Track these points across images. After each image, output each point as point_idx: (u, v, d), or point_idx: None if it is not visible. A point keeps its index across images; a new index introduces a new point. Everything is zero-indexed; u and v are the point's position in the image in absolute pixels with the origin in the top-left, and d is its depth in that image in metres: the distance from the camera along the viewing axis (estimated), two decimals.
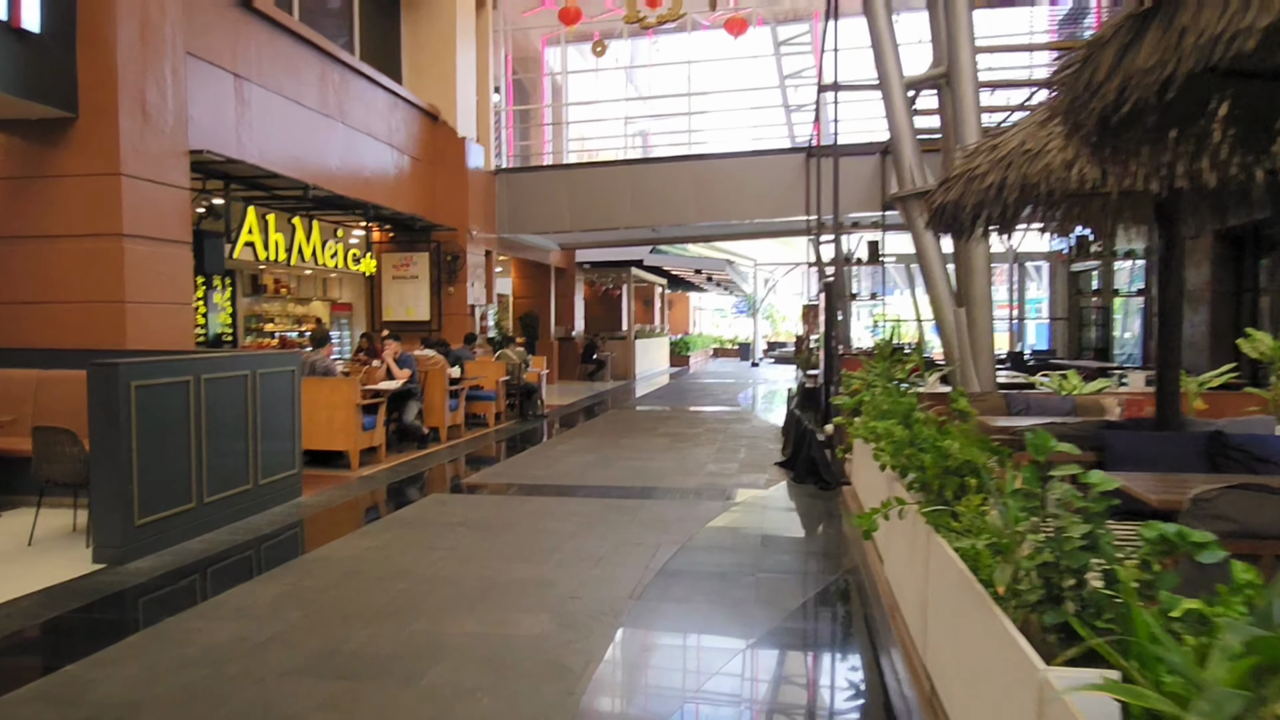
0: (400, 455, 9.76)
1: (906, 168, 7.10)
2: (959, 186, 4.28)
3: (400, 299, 15.33)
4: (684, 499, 7.49)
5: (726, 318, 50.53)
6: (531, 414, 13.78)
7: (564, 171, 17.59)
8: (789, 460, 8.85)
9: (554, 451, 10.31)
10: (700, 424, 13.16)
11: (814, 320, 19.95)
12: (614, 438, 11.53)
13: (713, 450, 10.33)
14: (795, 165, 16.58)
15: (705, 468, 9.09)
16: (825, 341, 10.45)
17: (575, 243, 21.14)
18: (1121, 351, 17.18)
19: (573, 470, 8.96)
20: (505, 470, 9.06)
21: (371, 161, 12.92)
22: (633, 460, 9.59)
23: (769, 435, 11.76)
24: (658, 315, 33.30)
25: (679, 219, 17.15)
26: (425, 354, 11.36)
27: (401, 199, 13.77)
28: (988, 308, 6.85)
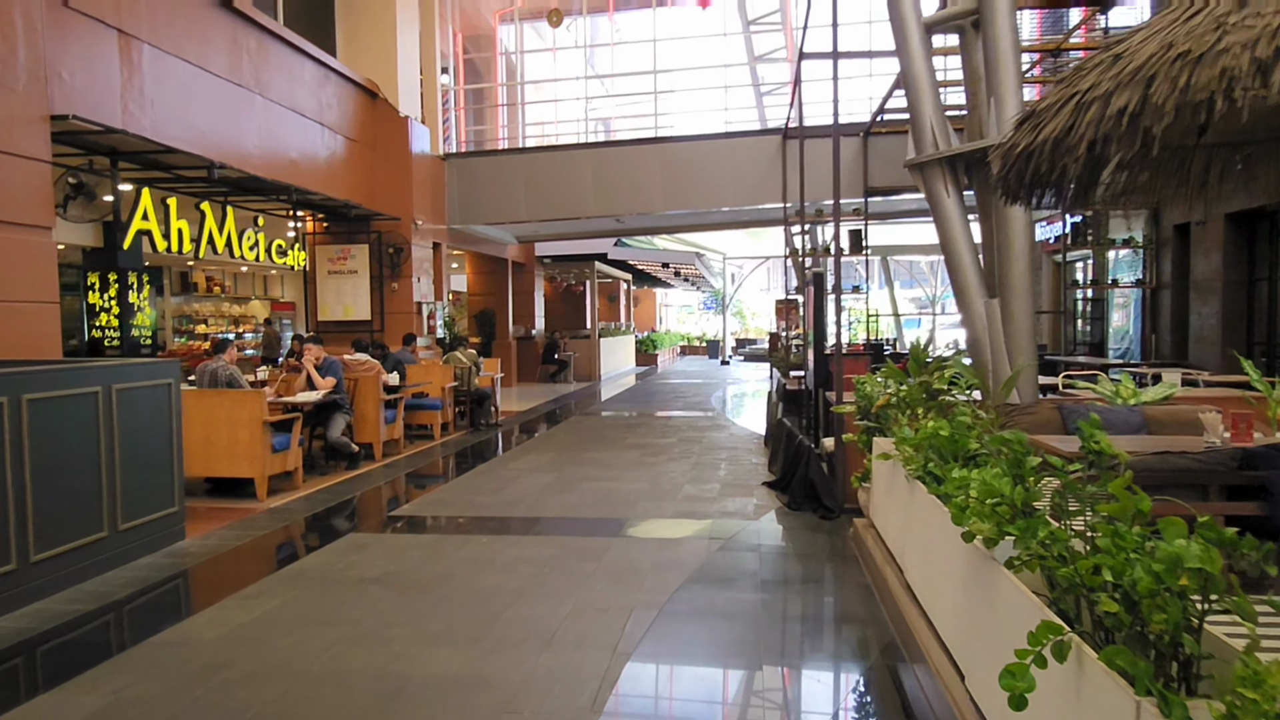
0: (323, 479, 8.31)
1: (926, 127, 5.80)
2: (1057, 120, 2.97)
3: (338, 296, 13.82)
4: (660, 535, 6.14)
5: (694, 314, 49.30)
6: (484, 424, 12.36)
7: (519, 156, 16.15)
8: (781, 481, 7.53)
9: (506, 470, 8.91)
10: (672, 432, 11.83)
11: (791, 316, 18.72)
12: (576, 451, 10.15)
13: (689, 466, 9.00)
14: (770, 148, 15.33)
15: (682, 489, 7.75)
16: (815, 340, 9.16)
17: (533, 235, 19.70)
18: (1118, 346, 16.13)
19: (526, 495, 7.57)
20: (446, 496, 7.64)
21: (297, 140, 11.41)
22: (597, 480, 8.23)
23: (750, 446, 10.46)
24: (623, 312, 31.94)
25: (645, 207, 15.81)
26: (356, 359, 9.90)
27: (334, 183, 12.27)
28: (1029, 298, 5.58)
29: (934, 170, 5.84)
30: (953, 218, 5.81)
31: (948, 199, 5.80)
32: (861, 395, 5.66)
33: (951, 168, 5.82)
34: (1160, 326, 14.26)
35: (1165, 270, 13.85)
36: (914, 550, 3.91)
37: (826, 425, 9.70)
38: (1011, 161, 3.44)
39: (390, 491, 7.95)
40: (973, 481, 2.47)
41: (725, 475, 8.44)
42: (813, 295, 9.27)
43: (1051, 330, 20.65)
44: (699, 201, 15.66)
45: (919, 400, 4.28)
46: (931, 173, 5.85)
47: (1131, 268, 15.26)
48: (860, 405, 5.65)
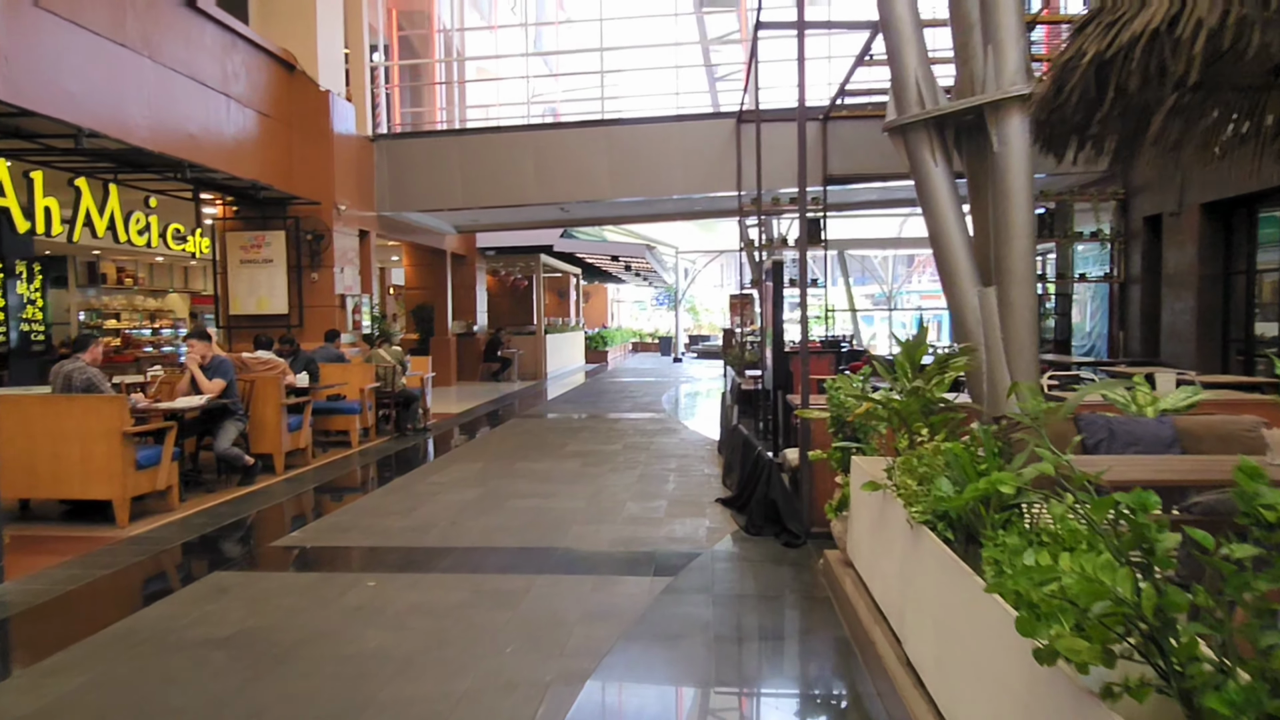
0: (208, 498, 7.14)
1: (910, 82, 4.85)
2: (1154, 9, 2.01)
3: (250, 287, 12.55)
4: (593, 570, 5.12)
5: (646, 310, 48.36)
6: (411, 428, 11.22)
7: (455, 139, 14.98)
8: (738, 498, 6.56)
9: (425, 484, 7.81)
10: (618, 437, 10.81)
11: (746, 311, 17.82)
12: (510, 460, 9.08)
13: (634, 478, 7.99)
14: (723, 133, 14.38)
15: (624, 508, 6.73)
16: (774, 338, 8.21)
17: (473, 225, 18.53)
18: (1083, 343, 15.51)
19: (442, 517, 6.49)
20: (345, 519, 6.52)
21: (197, 112, 10.15)
22: (528, 497, 7.18)
23: (702, 453, 9.49)
24: (573, 308, 30.84)
25: (591, 194, 14.76)
26: (258, 357, 8.72)
27: (242, 162, 11.02)
28: (1031, 286, 4.67)
29: (919, 134, 4.89)
30: (940, 190, 4.87)
31: (935, 168, 4.86)
32: (835, 403, 4.70)
33: (939, 131, 4.88)
34: (1129, 322, 13.62)
35: (1135, 264, 13.18)
36: (921, 620, 2.94)
37: (788, 432, 8.77)
38: (1073, 82, 2.48)
39: (281, 513, 6.81)
40: (1066, 574, 1.49)
41: (674, 490, 7.45)
42: (771, 289, 8.33)
43: None
44: (648, 189, 14.67)
45: (915, 415, 3.34)
46: (916, 137, 4.91)
47: (1098, 261, 14.62)
48: (833, 414, 4.69)
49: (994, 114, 4.59)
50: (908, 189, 16.25)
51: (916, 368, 3.55)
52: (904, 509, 2.90)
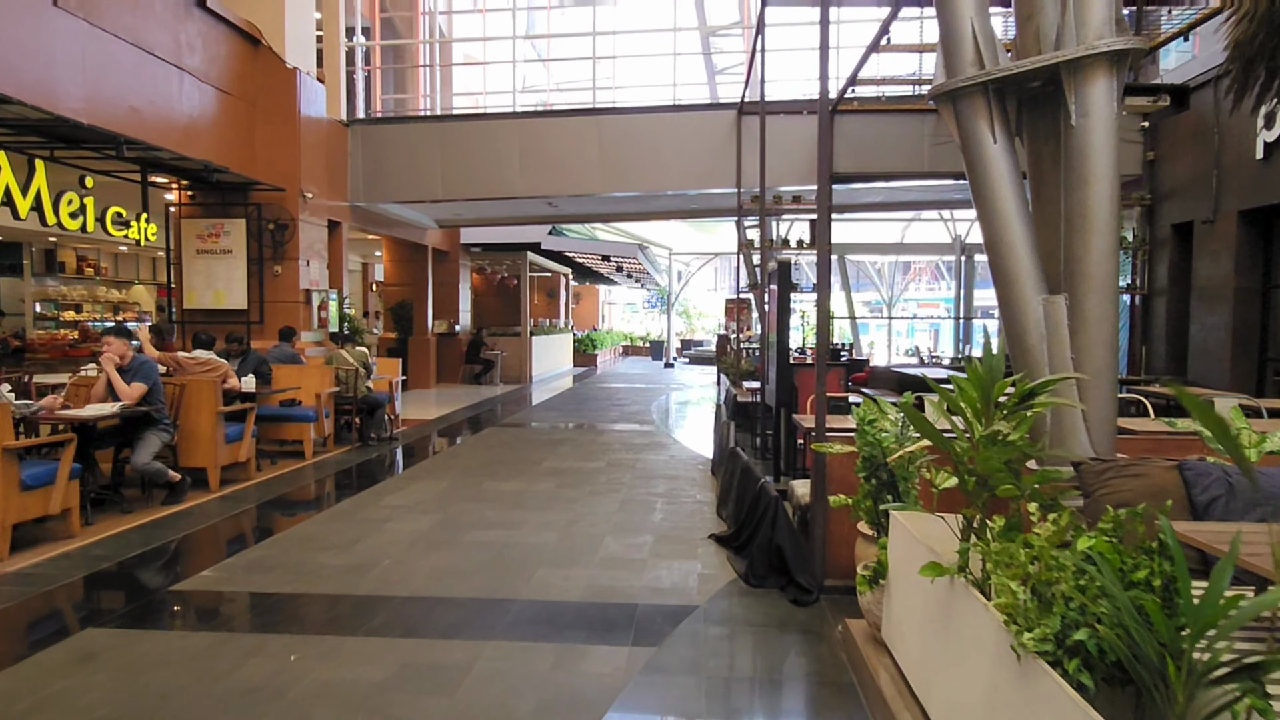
0: (119, 521, 6.14)
1: (966, 35, 3.91)
2: None
3: (207, 280, 11.54)
4: (558, 634, 4.15)
5: (639, 313, 47.42)
6: (375, 438, 10.22)
7: (435, 126, 14.00)
8: (735, 537, 5.59)
9: (377, 508, 6.83)
10: (602, 453, 9.84)
11: (743, 317, 16.88)
12: (478, 478, 8.10)
13: (615, 504, 7.02)
14: (723, 125, 13.45)
15: (602, 544, 5.77)
16: (778, 349, 7.27)
17: (456, 219, 17.55)
18: None
19: (387, 552, 5.52)
20: (271, 555, 5.53)
21: (142, 84, 9.16)
22: (492, 527, 6.20)
23: (693, 474, 8.53)
24: (562, 309, 29.86)
25: (580, 188, 13.79)
26: (195, 357, 7.73)
27: (196, 141, 10.03)
28: (1112, 295, 3.74)
29: (974, 103, 3.94)
30: (1000, 172, 3.92)
31: (993, 145, 3.91)
32: (866, 438, 3.74)
33: (1000, 99, 3.93)
34: (1153, 337, 12.72)
35: (1160, 275, 12.28)
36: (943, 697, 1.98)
37: (790, 455, 7.81)
38: None
39: (201, 543, 5.82)
40: None
41: (662, 520, 6.48)
42: (776, 293, 7.39)
43: None
44: (641, 183, 13.72)
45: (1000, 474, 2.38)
46: (970, 106, 3.96)
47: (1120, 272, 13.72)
48: (865, 451, 3.73)
49: (1073, 77, 3.66)
50: (917, 190, 15.36)
51: (988, 398, 2.61)
52: (997, 619, 1.96)
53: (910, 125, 13.14)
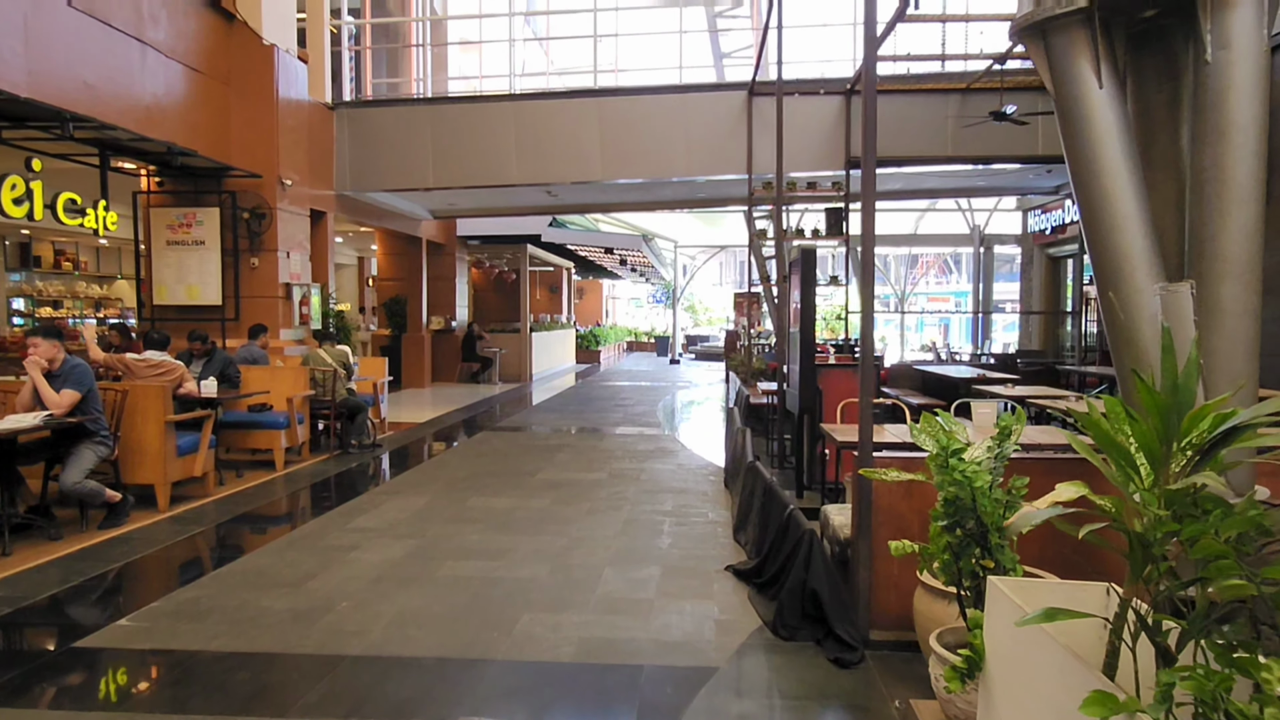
0: (44, 550, 5.31)
1: None
2: None
3: (179, 274, 10.71)
4: (540, 714, 3.30)
5: (643, 308, 46.55)
6: (356, 445, 9.38)
7: (426, 109, 13.14)
8: (759, 571, 4.74)
9: (345, 531, 5.99)
10: (604, 460, 8.99)
11: (753, 311, 16.01)
12: (464, 493, 7.26)
13: (617, 525, 6.17)
14: (732, 107, 12.57)
15: (600, 578, 4.92)
16: (801, 347, 6.40)
17: (450, 209, 16.70)
18: None
19: (346, 591, 4.68)
20: (207, 595, 4.69)
21: (98, 58, 8.34)
22: (474, 556, 5.36)
23: (705, 486, 7.67)
24: (565, 304, 29.01)
25: (581, 174, 12.94)
26: (147, 359, 6.90)
27: (161, 121, 9.20)
28: (1254, 281, 2.89)
29: (1074, 37, 3.07)
30: (1107, 127, 3.05)
31: (1098, 92, 3.05)
32: (952, 475, 2.87)
33: (1106, 32, 3.06)
34: None
35: None
36: None
37: (810, 466, 6.96)
38: None
39: (127, 580, 4.98)
40: None
41: (670, 546, 5.63)
42: (799, 284, 6.52)
43: (1042, 334, 18.29)
44: (645, 169, 12.86)
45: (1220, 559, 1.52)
46: (1069, 41, 3.09)
47: None
48: (948, 492, 2.87)
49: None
50: (937, 177, 14.41)
51: (1183, 441, 1.75)
52: None
53: (934, 106, 12.25)
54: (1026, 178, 14.68)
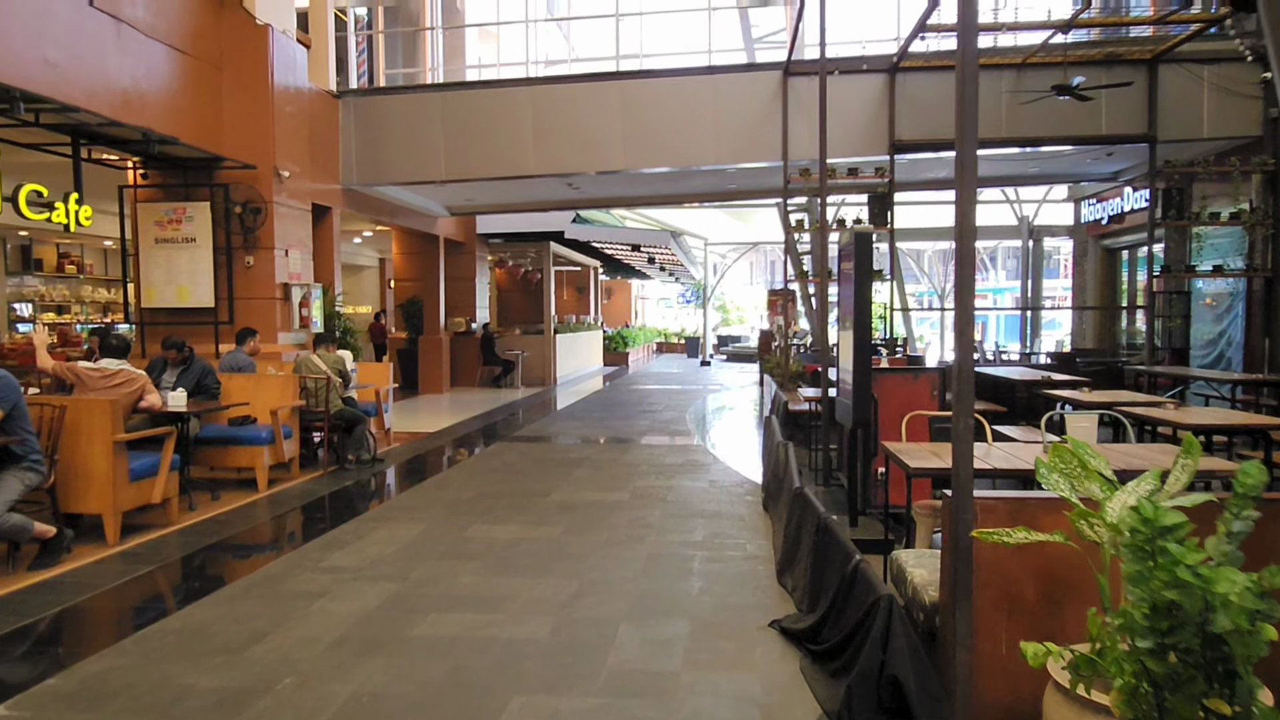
0: None
1: None
2: None
3: (168, 274, 9.93)
4: None
5: (673, 308, 45.55)
6: (354, 460, 8.50)
7: (437, 95, 12.28)
8: (813, 633, 3.75)
9: (314, 572, 5.07)
10: (626, 477, 8.03)
11: (788, 311, 14.98)
12: (464, 519, 6.33)
13: (638, 564, 5.20)
14: (767, 89, 11.58)
15: (614, 641, 3.95)
16: (855, 349, 5.39)
17: (468, 205, 15.83)
18: (1205, 352, 12.52)
19: (290, 664, 3.75)
20: (123, 667, 3.78)
21: (61, 33, 7.54)
22: (462, 607, 4.42)
23: (741, 509, 6.67)
24: (593, 305, 28.12)
25: (603, 164, 12.00)
26: (101, 370, 6.05)
27: (141, 107, 8.41)
28: None
29: None
30: None
31: None
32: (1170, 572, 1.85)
33: None
34: (1276, 328, 10.68)
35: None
36: None
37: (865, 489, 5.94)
38: None
39: (36, 640, 4.08)
40: None
41: (701, 593, 4.65)
42: (853, 275, 5.52)
43: (1097, 331, 17.05)
44: (672, 158, 11.89)
45: None
46: None
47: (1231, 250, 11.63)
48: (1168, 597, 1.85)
49: None
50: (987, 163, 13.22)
51: None
52: None
53: (986, 83, 11.12)
54: (1084, 163, 13.50)
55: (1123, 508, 2.19)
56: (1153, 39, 10.93)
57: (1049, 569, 2.92)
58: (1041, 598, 2.93)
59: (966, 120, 2.90)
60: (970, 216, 2.90)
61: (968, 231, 2.89)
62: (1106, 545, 2.28)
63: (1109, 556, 2.30)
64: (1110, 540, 2.25)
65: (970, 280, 2.90)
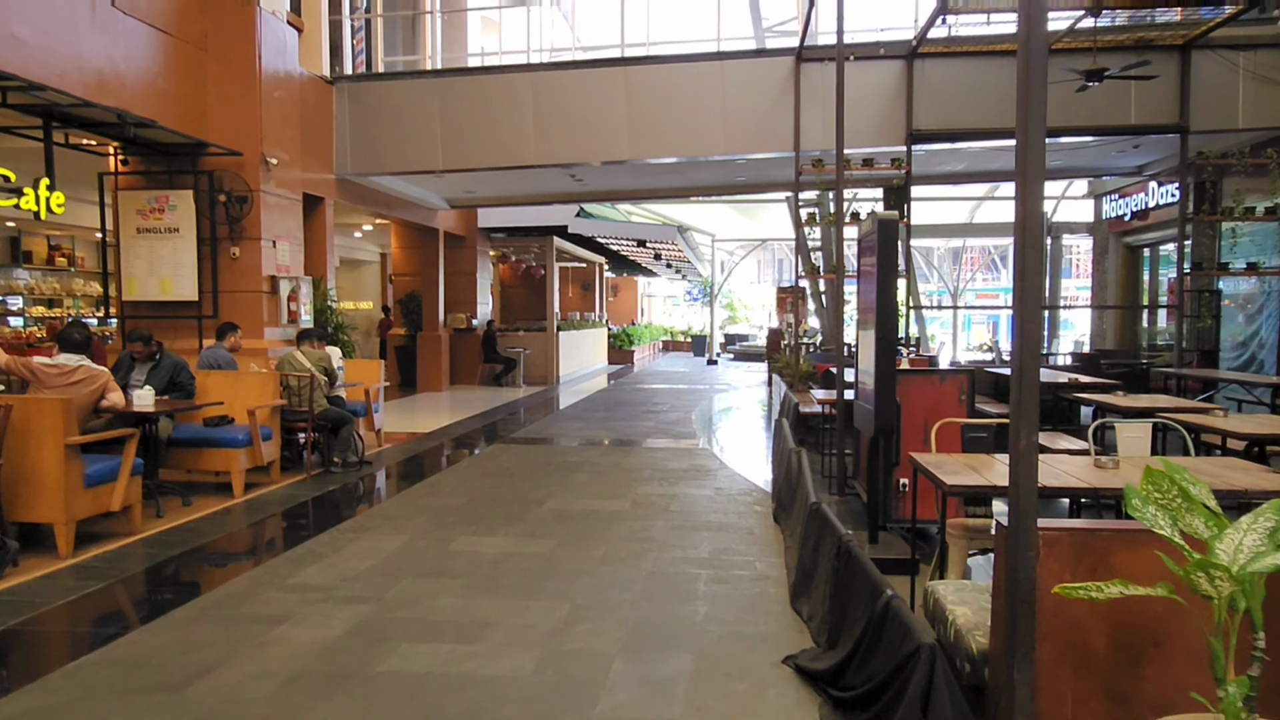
0: None
1: None
2: None
3: (151, 265, 9.48)
4: None
5: (679, 306, 45.06)
6: (340, 463, 8.03)
7: (434, 81, 11.82)
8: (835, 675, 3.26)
9: (278, 591, 4.61)
10: (628, 484, 7.54)
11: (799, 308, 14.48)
12: (451, 529, 5.87)
13: (638, 585, 4.72)
14: (778, 76, 11.07)
15: (606, 679, 3.47)
16: (879, 348, 4.91)
17: (468, 197, 15.36)
18: (1236, 354, 11.99)
19: (230, 710, 3.27)
20: (41, 709, 3.34)
21: (35, 10, 7.10)
22: (438, 635, 3.94)
23: (750, 521, 6.17)
24: (598, 302, 27.64)
25: (606, 154, 11.52)
26: (58, 366, 5.60)
27: (114, 88, 7.96)
28: None
29: None
30: None
31: None
32: None
33: None
34: None
35: None
36: None
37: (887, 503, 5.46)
38: None
39: None
40: None
41: (706, 620, 4.17)
42: (875, 267, 5.02)
43: (1118, 331, 16.49)
44: (678, 148, 11.40)
45: None
46: None
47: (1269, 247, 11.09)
48: None
49: None
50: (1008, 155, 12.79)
51: None
52: None
53: (1009, 70, 10.60)
54: (1108, 155, 12.97)
55: (1250, 553, 1.70)
56: (1185, 23, 10.40)
57: (1127, 618, 2.43)
58: (1116, 651, 2.44)
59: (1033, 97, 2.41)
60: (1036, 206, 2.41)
61: (1034, 219, 2.41)
62: (1223, 601, 1.79)
63: (1223, 614, 1.81)
64: (1229, 595, 1.76)
65: (1036, 276, 2.41)
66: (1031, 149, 2.37)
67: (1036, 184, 2.38)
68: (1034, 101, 2.36)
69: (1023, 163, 2.39)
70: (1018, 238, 2.43)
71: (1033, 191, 2.39)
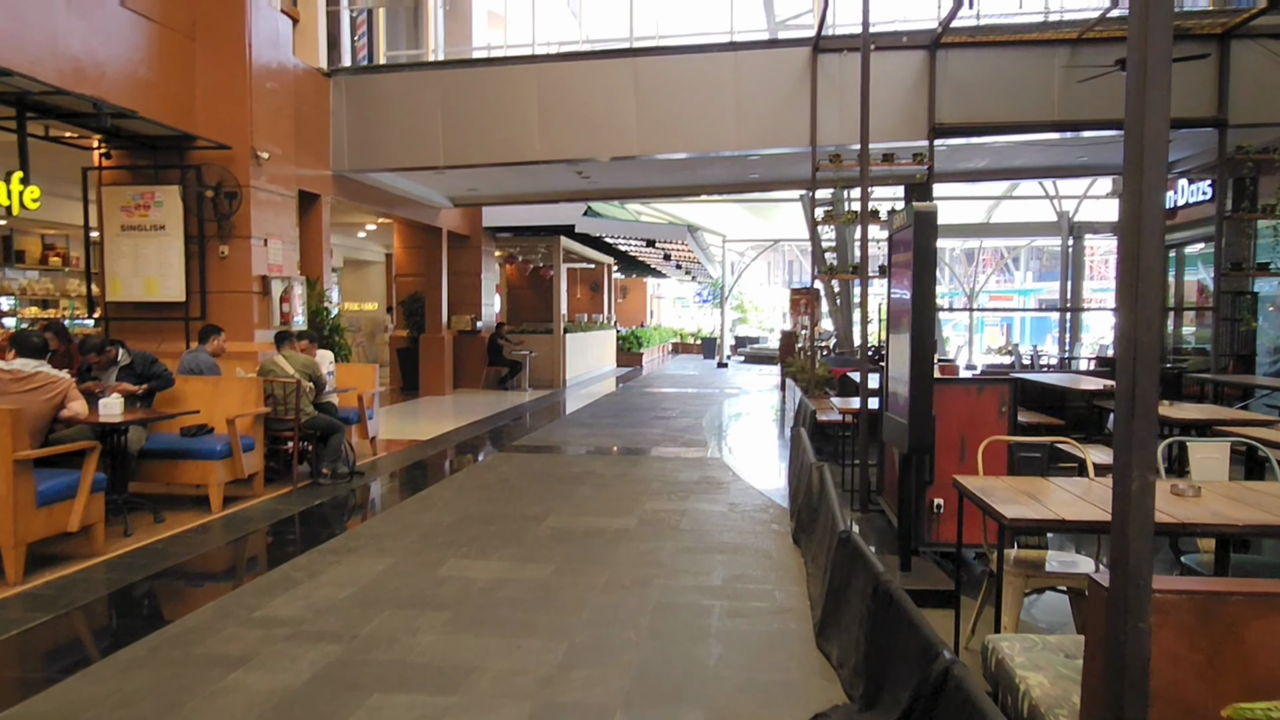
0: None
1: None
2: None
3: (136, 264, 9.04)
4: None
5: (689, 308, 44.53)
6: (329, 475, 7.55)
7: (435, 74, 11.36)
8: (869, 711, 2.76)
9: (240, 629, 4.13)
10: (635, 499, 7.04)
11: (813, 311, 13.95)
12: (439, 552, 5.38)
13: (644, 617, 4.22)
14: (794, 68, 10.57)
15: None
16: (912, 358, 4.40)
17: (471, 195, 14.88)
18: (1274, 359, 11.43)
19: None
20: None
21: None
22: (413, 685, 3.45)
23: (766, 542, 5.66)
24: (607, 303, 27.18)
25: (614, 149, 11.04)
26: (14, 372, 5.14)
27: (93, 76, 7.52)
28: None
29: None
30: None
31: None
32: None
33: None
34: None
35: None
36: None
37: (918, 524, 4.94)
38: None
39: None
40: None
41: (720, 664, 3.67)
42: (911, 265, 4.51)
43: None
44: (689, 143, 10.90)
45: None
46: None
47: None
48: None
49: None
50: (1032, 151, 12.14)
51: None
52: None
53: (1037, 61, 10.11)
54: None
55: None
56: (1225, 11, 9.85)
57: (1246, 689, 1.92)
58: None
59: (1152, 79, 1.89)
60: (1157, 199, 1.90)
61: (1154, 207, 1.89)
62: None
63: None
64: None
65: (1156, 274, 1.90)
66: (1154, 134, 1.85)
67: (1160, 165, 1.86)
68: (1149, 74, 1.84)
69: (1137, 149, 1.88)
70: (1127, 237, 1.92)
71: (1152, 184, 1.87)
